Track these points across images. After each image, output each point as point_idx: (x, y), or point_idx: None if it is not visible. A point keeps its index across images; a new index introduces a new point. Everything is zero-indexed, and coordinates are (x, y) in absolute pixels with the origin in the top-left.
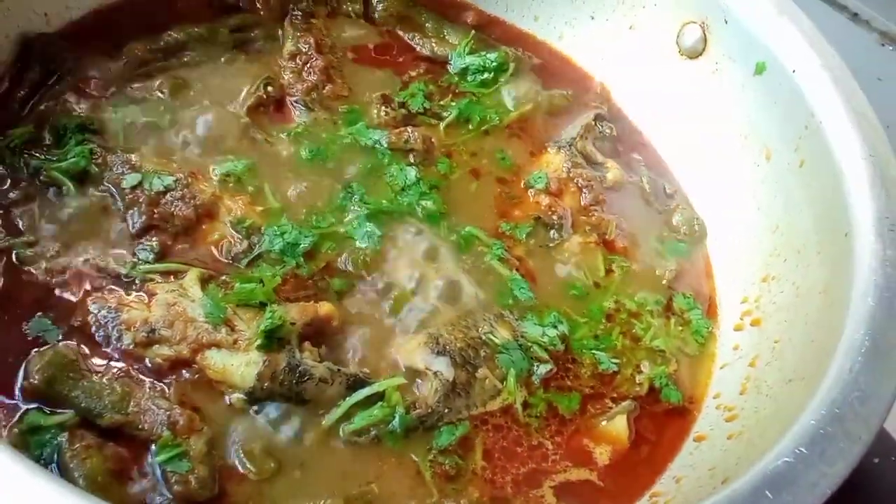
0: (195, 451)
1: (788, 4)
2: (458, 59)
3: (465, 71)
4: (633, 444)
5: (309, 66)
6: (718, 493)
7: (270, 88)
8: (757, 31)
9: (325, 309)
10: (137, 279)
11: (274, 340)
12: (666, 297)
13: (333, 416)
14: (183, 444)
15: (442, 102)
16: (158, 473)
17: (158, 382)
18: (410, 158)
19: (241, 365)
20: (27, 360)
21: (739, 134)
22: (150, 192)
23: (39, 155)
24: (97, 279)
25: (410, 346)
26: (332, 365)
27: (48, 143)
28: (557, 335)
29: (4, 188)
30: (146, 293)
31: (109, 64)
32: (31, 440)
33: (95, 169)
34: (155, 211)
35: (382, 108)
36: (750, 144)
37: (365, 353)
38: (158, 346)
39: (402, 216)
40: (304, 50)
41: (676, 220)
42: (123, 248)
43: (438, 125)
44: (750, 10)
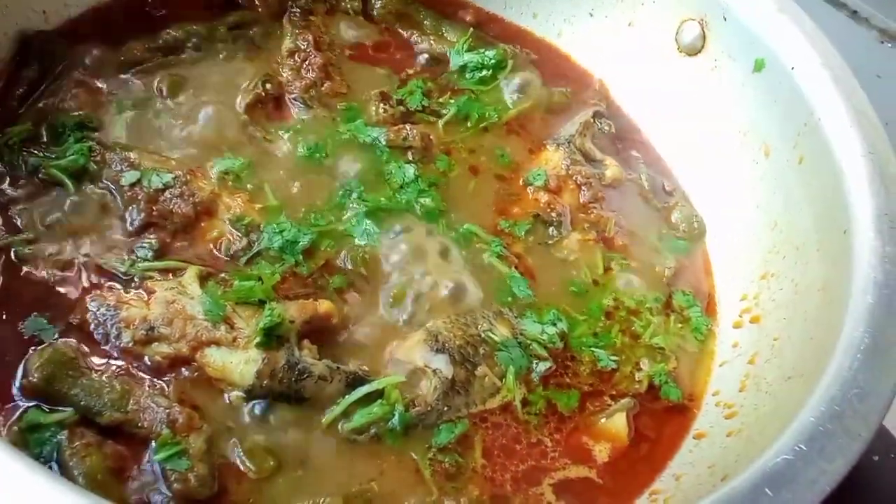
0: (194, 449)
1: (788, 2)
2: (456, 56)
3: (463, 68)
4: (632, 441)
5: (307, 63)
6: (718, 490)
7: (269, 86)
8: (756, 28)
9: (324, 307)
10: (136, 277)
11: (273, 338)
12: (665, 294)
13: (333, 413)
14: (182, 442)
15: (440, 100)
16: (158, 471)
17: (158, 380)
18: (409, 156)
19: (240, 363)
20: (26, 358)
21: (738, 131)
22: (148, 189)
23: (38, 152)
24: (96, 277)
25: (409, 343)
26: (331, 363)
27: (47, 140)
28: (556, 333)
29: (3, 186)
30: (145, 291)
31: (108, 61)
32: (30, 438)
33: (94, 166)
34: (154, 208)
35: (381, 105)
36: (749, 142)
37: (364, 350)
38: (157, 343)
39: (401, 214)
40: (302, 47)
41: (675, 217)
42: (122, 245)
43: (437, 122)
44: (749, 7)
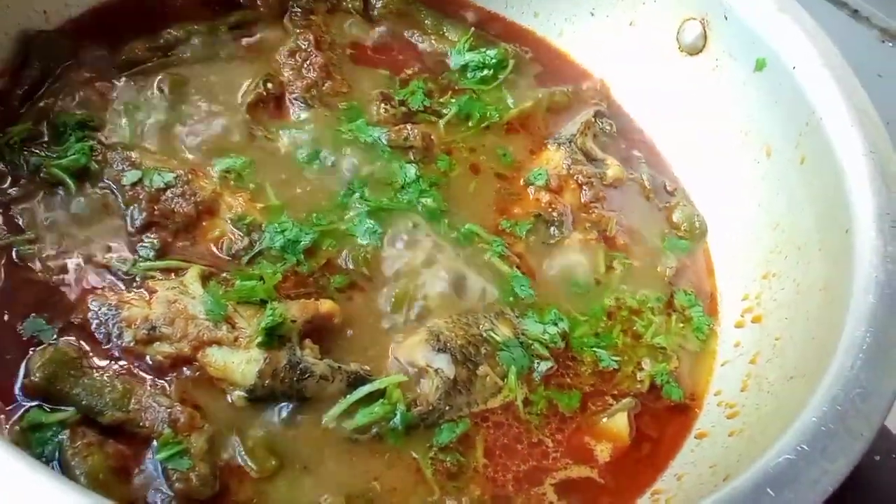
0: (196, 448)
1: (789, 1)
2: (457, 55)
3: (464, 68)
4: (634, 441)
5: (308, 62)
6: (720, 490)
7: (270, 85)
8: (757, 27)
9: (325, 306)
10: (138, 276)
11: (275, 338)
12: (667, 294)
13: (334, 413)
14: (184, 441)
15: (441, 99)
16: (159, 471)
17: (159, 380)
18: (410, 156)
19: (241, 362)
20: (28, 357)
21: (740, 131)
22: (150, 188)
23: (39, 152)
24: (97, 276)
25: (411, 343)
26: (332, 362)
27: (48, 140)
28: (558, 332)
29: (4, 185)
30: (147, 290)
31: (109, 61)
32: (32, 438)
33: (95, 166)
34: (155, 208)
35: (382, 105)
36: (750, 141)
37: (366, 350)
38: (159, 343)
39: (402, 213)
40: (303, 47)
41: (677, 217)
42: (124, 245)
43: (438, 122)
44: (750, 6)
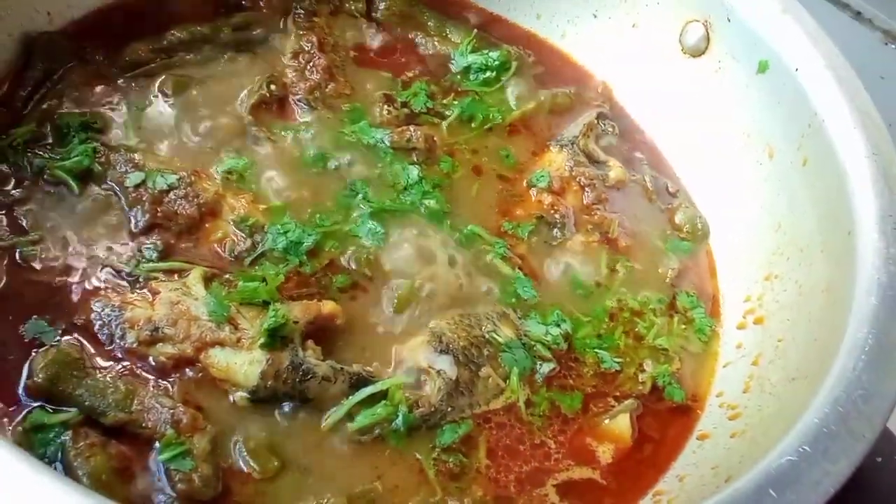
0: (198, 449)
1: (792, 3)
2: (460, 57)
3: (467, 69)
4: (636, 442)
5: (311, 64)
6: (722, 491)
7: (273, 87)
8: (760, 29)
9: (328, 307)
10: (141, 277)
11: (277, 339)
12: (669, 295)
13: (337, 414)
14: (186, 442)
15: (444, 101)
16: (162, 472)
17: (162, 381)
18: (413, 157)
19: (244, 363)
20: (31, 358)
21: (742, 132)
22: (153, 190)
23: (43, 154)
24: (101, 277)
25: (414, 344)
26: (335, 363)
27: (51, 141)
28: (560, 334)
29: (8, 187)
30: (150, 291)
31: (112, 63)
32: (34, 438)
33: (99, 167)
34: (158, 209)
35: (385, 107)
36: (753, 143)
37: (368, 351)
38: (162, 344)
39: (405, 214)
40: (306, 48)
41: (679, 218)
42: (127, 246)
43: (441, 124)
44: (753, 8)
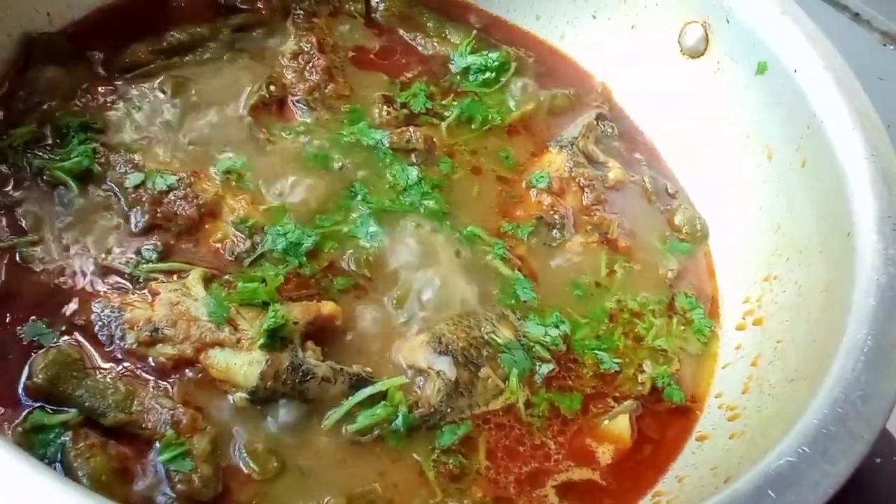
0: (198, 450)
1: (790, 4)
2: (459, 58)
3: (466, 70)
4: (635, 443)
5: (311, 65)
6: (721, 492)
7: (273, 88)
8: (759, 30)
9: (327, 308)
10: (141, 278)
11: (277, 340)
12: (668, 296)
13: (336, 415)
14: (186, 443)
15: (444, 102)
16: (162, 472)
17: (162, 381)
18: (412, 158)
19: (244, 364)
20: (31, 359)
21: (741, 134)
22: (153, 191)
23: (42, 154)
24: (100, 278)
25: (413, 345)
26: (334, 364)
27: (51, 142)
28: (559, 335)
29: (8, 188)
30: (149, 292)
31: (112, 63)
32: (34, 439)
33: (98, 168)
34: (158, 210)
35: (384, 107)
36: (752, 144)
37: (367, 352)
38: (162, 345)
39: (405, 215)
40: (306, 49)
41: (678, 219)
42: (127, 247)
43: (440, 125)
44: (752, 9)
